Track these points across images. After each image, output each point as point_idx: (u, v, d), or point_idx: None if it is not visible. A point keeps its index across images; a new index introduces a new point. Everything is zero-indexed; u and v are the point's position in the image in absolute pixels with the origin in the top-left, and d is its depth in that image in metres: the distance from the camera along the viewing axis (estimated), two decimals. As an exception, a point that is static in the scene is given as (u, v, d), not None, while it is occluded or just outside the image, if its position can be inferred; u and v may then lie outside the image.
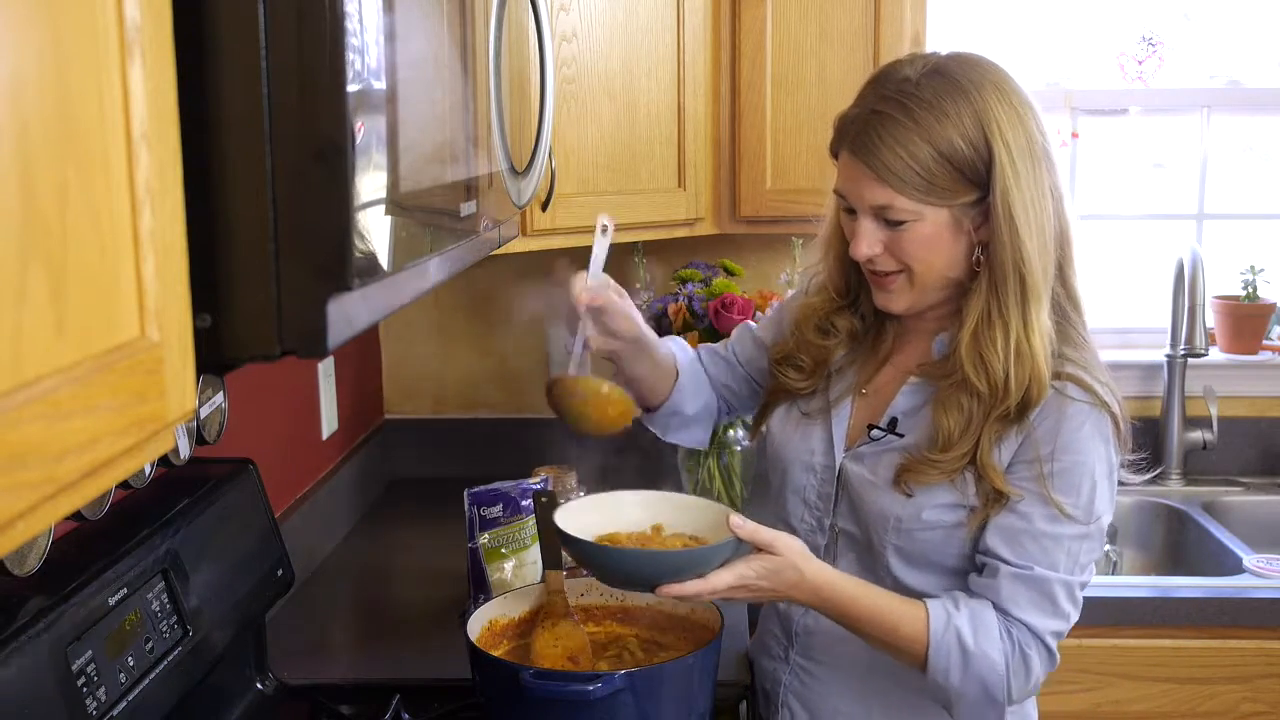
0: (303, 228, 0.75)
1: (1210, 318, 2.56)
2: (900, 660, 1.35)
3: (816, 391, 1.51)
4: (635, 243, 2.32)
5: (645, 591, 1.31)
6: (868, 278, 1.42)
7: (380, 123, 0.83)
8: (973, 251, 1.35)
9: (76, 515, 1.19)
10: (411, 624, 1.88)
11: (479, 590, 1.74)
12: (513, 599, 1.52)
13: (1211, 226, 2.70)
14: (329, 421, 2.25)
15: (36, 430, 0.52)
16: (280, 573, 1.59)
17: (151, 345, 0.63)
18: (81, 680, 1.12)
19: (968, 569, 1.39)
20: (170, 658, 1.28)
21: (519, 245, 1.92)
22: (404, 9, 0.89)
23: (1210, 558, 2.27)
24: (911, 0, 2.16)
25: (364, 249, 0.80)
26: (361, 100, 0.78)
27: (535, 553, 1.77)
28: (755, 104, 2.20)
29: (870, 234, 1.35)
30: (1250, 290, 2.61)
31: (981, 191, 1.31)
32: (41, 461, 0.52)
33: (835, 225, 1.45)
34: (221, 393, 1.48)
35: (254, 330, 0.75)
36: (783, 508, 1.52)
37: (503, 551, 1.76)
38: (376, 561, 2.20)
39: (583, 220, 2.03)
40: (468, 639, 1.40)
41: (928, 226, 1.32)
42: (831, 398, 1.49)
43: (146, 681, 1.22)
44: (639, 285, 2.36)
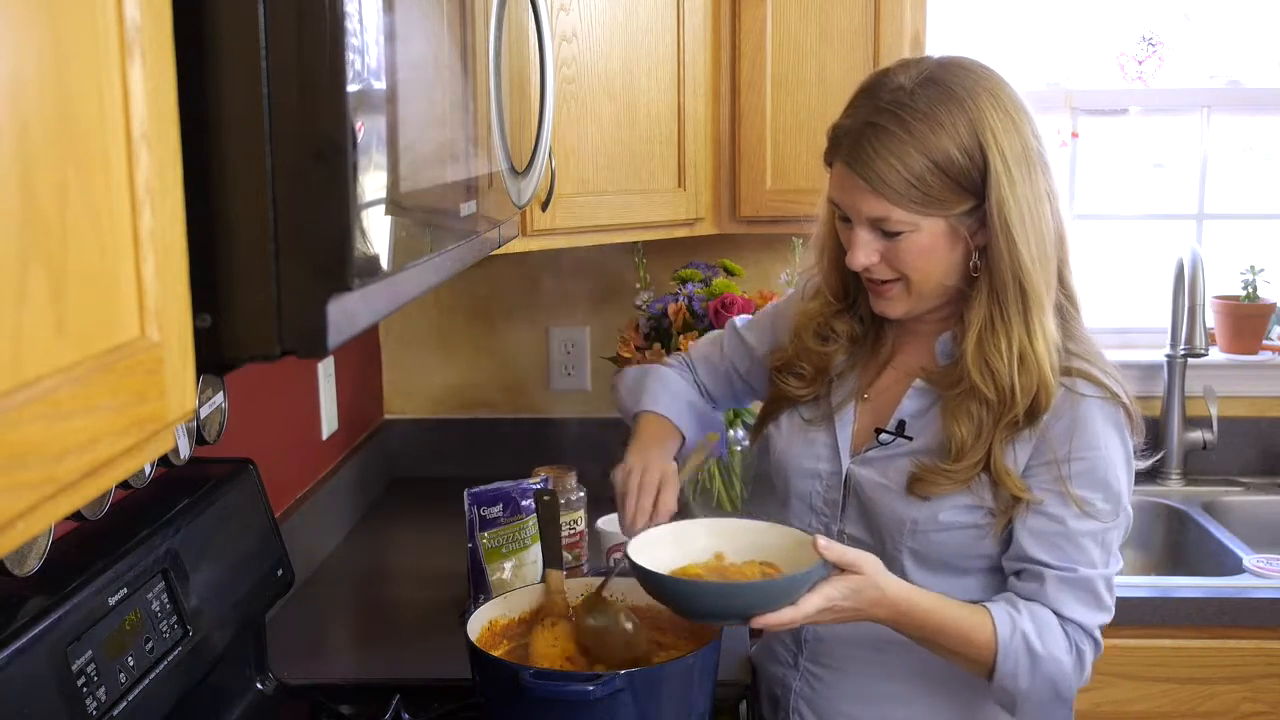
0: (303, 228, 0.75)
1: (1210, 318, 2.55)
2: (966, 667, 1.35)
3: (818, 397, 1.51)
4: (635, 243, 2.32)
5: (737, 623, 1.31)
6: (865, 284, 1.42)
7: (380, 123, 0.83)
8: (970, 258, 1.35)
9: (76, 515, 1.19)
10: (411, 624, 1.88)
11: (479, 590, 1.74)
12: (513, 599, 1.52)
13: (1211, 226, 2.70)
14: (329, 421, 2.25)
15: (36, 430, 0.52)
16: (280, 573, 1.59)
17: (151, 345, 0.63)
18: (81, 680, 1.12)
19: (983, 570, 1.39)
20: (170, 658, 1.28)
21: (519, 245, 1.92)
22: (404, 9, 0.89)
23: (1210, 558, 2.27)
24: (911, 0, 2.16)
25: (364, 249, 0.80)
26: (361, 100, 0.78)
27: (535, 553, 1.77)
28: (755, 104, 2.19)
29: (867, 244, 1.35)
30: (1250, 290, 2.61)
31: (977, 199, 1.31)
32: (41, 461, 0.52)
33: (830, 229, 1.45)
34: (221, 393, 1.48)
35: (254, 330, 0.75)
36: (787, 514, 1.52)
37: (503, 551, 1.76)
38: (376, 561, 2.20)
39: (583, 220, 2.04)
40: (468, 639, 1.40)
41: (924, 236, 1.32)
42: (834, 403, 1.49)
43: (146, 681, 1.22)
44: (639, 285, 2.36)
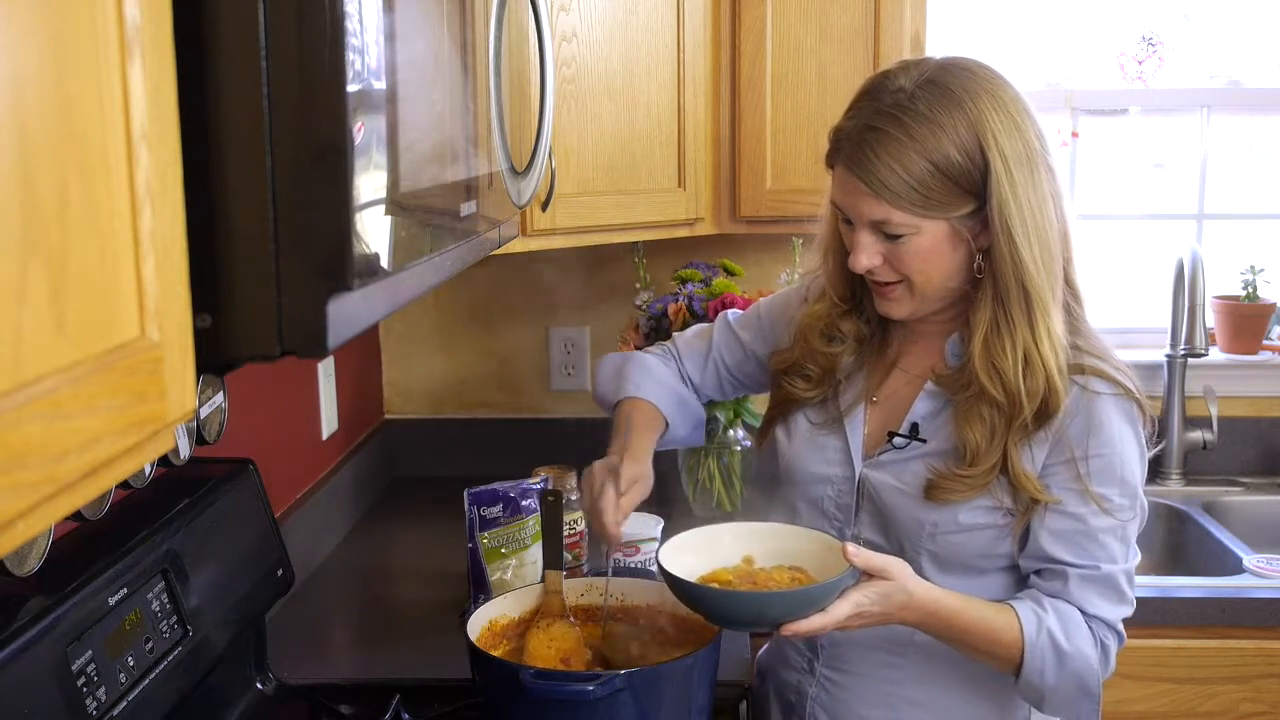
0: (303, 228, 0.75)
1: (1210, 318, 2.55)
2: (993, 665, 1.36)
3: (826, 400, 1.50)
4: (635, 243, 2.32)
5: (766, 630, 1.32)
6: (869, 285, 1.42)
7: (380, 123, 0.83)
8: (973, 259, 1.34)
9: (76, 515, 1.19)
10: (411, 624, 1.88)
11: (479, 590, 1.74)
12: (513, 599, 1.52)
13: (1211, 226, 2.70)
14: (329, 421, 2.25)
15: (36, 430, 0.52)
16: (280, 573, 1.59)
17: (151, 345, 0.63)
18: (81, 680, 1.12)
19: (1001, 569, 1.39)
20: (170, 658, 1.28)
21: (519, 245, 1.92)
22: (404, 9, 0.89)
23: (1210, 558, 2.27)
24: (911, 0, 2.16)
25: (364, 249, 0.80)
26: (361, 100, 0.78)
27: (535, 553, 1.77)
28: (755, 104, 2.19)
29: (869, 247, 1.34)
30: (1250, 290, 2.61)
31: (979, 201, 1.31)
32: (41, 461, 0.52)
33: (833, 229, 1.44)
34: (221, 393, 1.48)
35: (254, 330, 0.75)
36: (799, 518, 1.51)
37: (503, 551, 1.76)
38: (376, 561, 2.20)
39: (583, 220, 2.04)
40: (468, 639, 1.40)
41: (926, 239, 1.32)
42: (843, 406, 1.48)
43: (146, 681, 1.22)
44: (639, 285, 2.36)
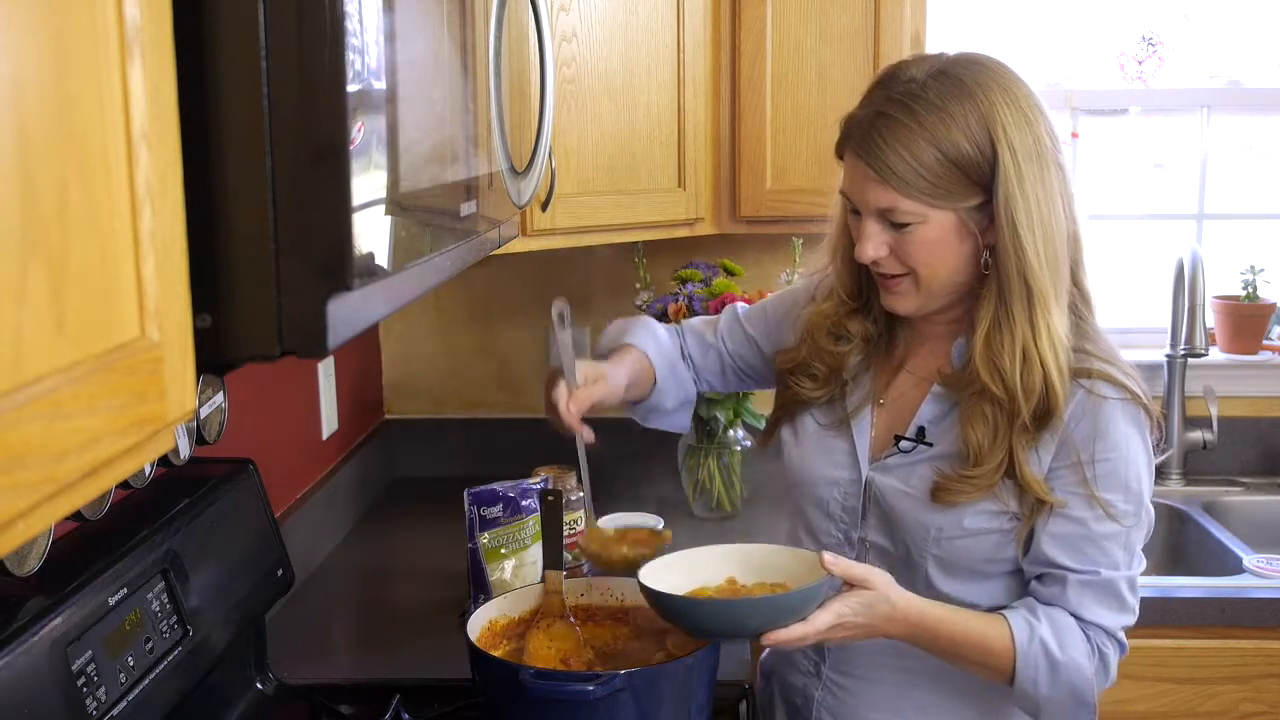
0: (303, 228, 0.75)
1: (1210, 318, 2.56)
2: (987, 676, 1.35)
3: (832, 401, 1.49)
4: (635, 243, 2.32)
5: (747, 639, 1.31)
6: (875, 279, 1.41)
7: (380, 123, 0.83)
8: (980, 256, 1.34)
9: (76, 515, 1.19)
10: (411, 624, 1.87)
11: (479, 590, 1.74)
12: (513, 599, 1.52)
13: (1211, 226, 2.70)
14: (329, 421, 2.25)
15: (36, 430, 0.52)
16: (280, 573, 1.59)
17: (151, 345, 0.63)
18: (81, 680, 1.12)
19: (1007, 574, 1.38)
20: (170, 658, 1.28)
21: (519, 245, 1.92)
22: (404, 9, 0.89)
23: (1210, 558, 2.27)
24: (911, 0, 2.16)
25: (364, 249, 0.80)
26: (361, 100, 0.78)
27: (535, 553, 1.77)
28: (755, 104, 2.19)
29: (875, 236, 1.34)
30: (1250, 290, 2.61)
31: (986, 194, 1.30)
32: (41, 461, 0.52)
33: (842, 227, 1.44)
34: (221, 393, 1.48)
35: (254, 330, 0.75)
36: (804, 520, 1.50)
37: (503, 551, 1.76)
38: (376, 561, 2.20)
39: (583, 220, 2.04)
40: (468, 639, 1.40)
41: (932, 229, 1.31)
42: (849, 408, 1.47)
43: (146, 681, 1.22)
44: (639, 285, 2.36)
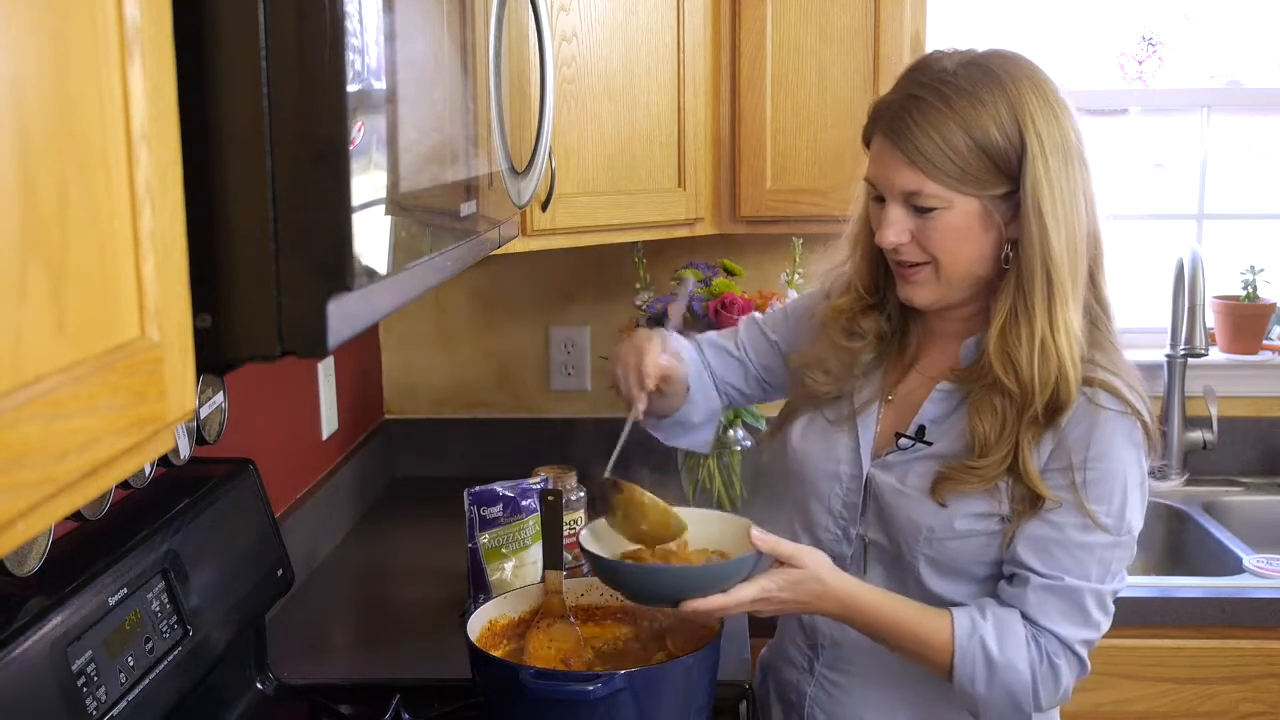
0: (303, 228, 0.75)
1: (1210, 318, 2.56)
2: (927, 669, 1.35)
3: (841, 397, 1.49)
4: (635, 243, 2.32)
5: (670, 607, 1.32)
6: (893, 269, 1.40)
7: (380, 123, 0.83)
8: (1001, 249, 1.33)
9: (76, 515, 1.19)
10: (411, 624, 1.88)
11: (479, 590, 1.74)
12: (513, 599, 1.52)
13: (1211, 226, 2.70)
14: (329, 421, 2.25)
15: (36, 430, 0.52)
16: (280, 573, 1.59)
17: (151, 345, 0.63)
18: (81, 680, 1.12)
19: (996, 577, 1.38)
20: (170, 658, 1.28)
21: (519, 245, 1.92)
22: (404, 9, 0.89)
23: (1210, 558, 2.27)
24: (911, 0, 2.16)
25: (364, 249, 0.80)
26: (361, 100, 0.78)
27: (535, 553, 1.77)
28: (755, 104, 2.19)
29: (898, 221, 1.33)
30: (1250, 290, 2.61)
31: (1013, 184, 1.29)
32: (41, 461, 0.52)
33: (864, 221, 1.43)
34: (221, 393, 1.48)
35: (254, 330, 0.75)
36: (806, 516, 1.50)
37: (503, 551, 1.76)
38: (376, 561, 2.20)
39: (583, 220, 2.04)
40: (468, 639, 1.40)
41: (957, 216, 1.31)
42: (857, 404, 1.47)
43: (146, 681, 1.22)
44: (639, 285, 2.36)
